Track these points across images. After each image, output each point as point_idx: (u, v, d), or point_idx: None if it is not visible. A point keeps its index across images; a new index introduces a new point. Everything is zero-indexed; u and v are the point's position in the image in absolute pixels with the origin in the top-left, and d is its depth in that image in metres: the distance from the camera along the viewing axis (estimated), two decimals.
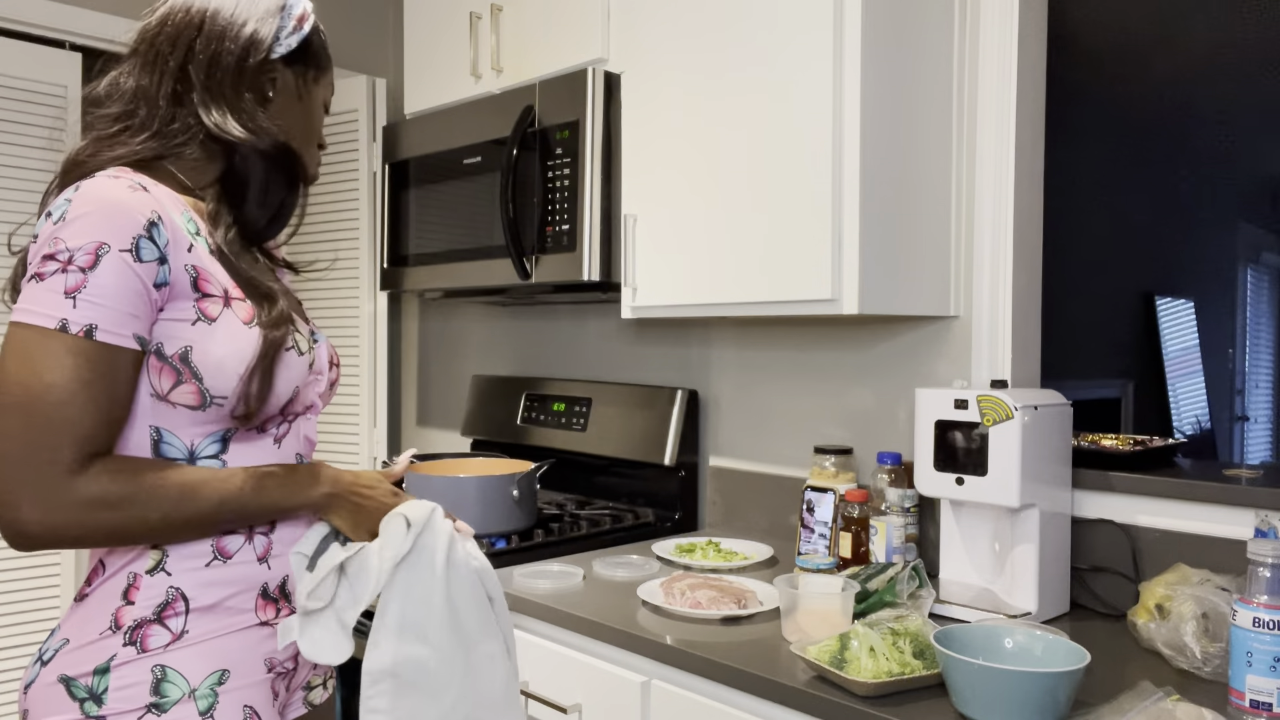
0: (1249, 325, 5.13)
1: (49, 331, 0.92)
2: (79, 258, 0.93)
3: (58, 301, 0.93)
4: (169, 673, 0.99)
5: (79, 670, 0.98)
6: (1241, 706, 1.12)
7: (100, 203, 0.96)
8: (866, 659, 1.20)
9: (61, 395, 0.92)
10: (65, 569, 2.46)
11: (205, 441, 1.03)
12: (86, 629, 1.00)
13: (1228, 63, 3.87)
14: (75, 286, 0.93)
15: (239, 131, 1.08)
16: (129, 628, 0.99)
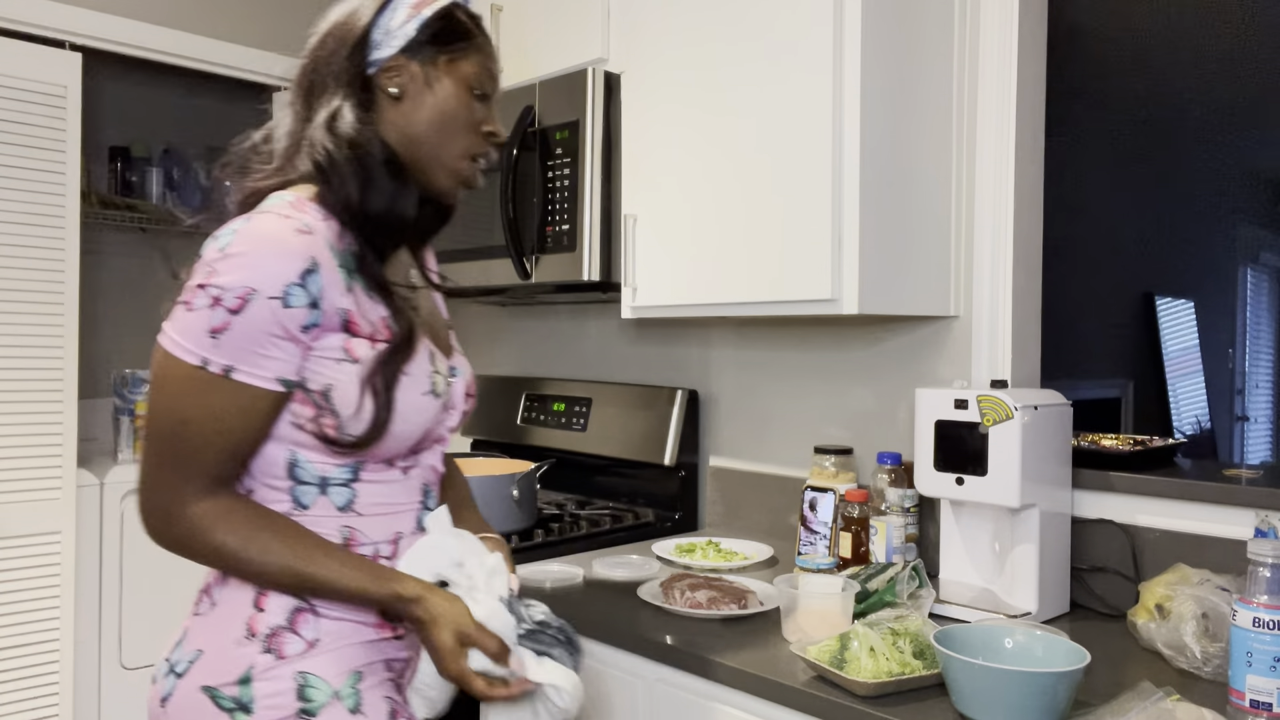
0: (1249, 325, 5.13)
1: (191, 368, 0.96)
2: (228, 299, 0.95)
3: (202, 339, 0.96)
4: (309, 678, 1.01)
5: (221, 680, 1.00)
6: (1241, 706, 1.12)
7: (260, 243, 0.97)
8: (866, 659, 1.20)
9: (194, 431, 0.97)
10: (65, 569, 2.46)
11: (337, 470, 1.05)
12: (219, 638, 1.01)
13: (1228, 62, 3.87)
14: (220, 327, 0.96)
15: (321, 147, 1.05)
16: (264, 635, 1.01)
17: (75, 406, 2.48)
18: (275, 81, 2.90)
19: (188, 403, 0.97)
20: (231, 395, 0.97)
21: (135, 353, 3.33)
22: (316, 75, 1.08)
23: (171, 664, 1.03)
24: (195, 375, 0.96)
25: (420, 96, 1.09)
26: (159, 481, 0.99)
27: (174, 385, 0.97)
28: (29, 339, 2.40)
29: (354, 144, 1.05)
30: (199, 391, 0.97)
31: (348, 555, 1.03)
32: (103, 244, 3.25)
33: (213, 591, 1.05)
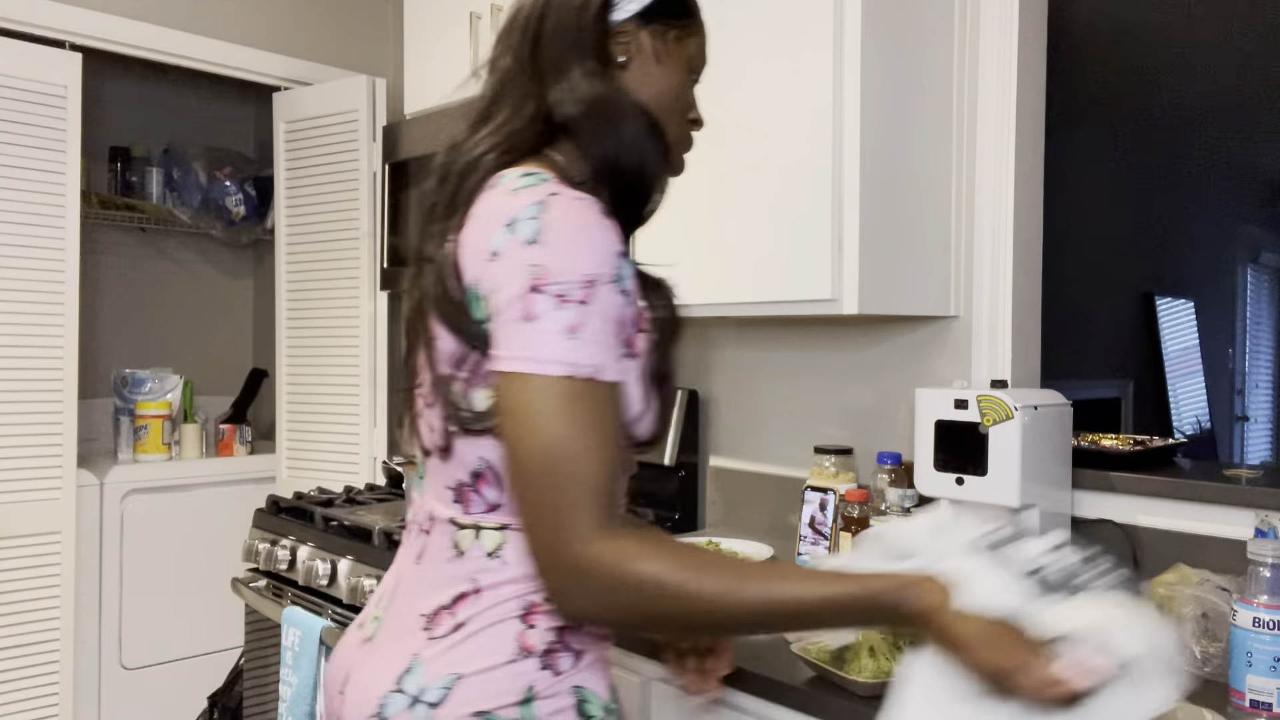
0: (1249, 325, 5.13)
1: (556, 381, 0.83)
2: (574, 290, 0.84)
3: (560, 344, 0.84)
4: (584, 693, 0.95)
5: (498, 703, 0.90)
6: (1241, 707, 1.12)
7: (577, 225, 0.87)
8: (866, 658, 1.20)
9: (576, 448, 0.83)
10: (65, 569, 2.46)
11: None
12: (482, 660, 0.91)
13: (1228, 62, 3.87)
14: (577, 324, 0.84)
15: (573, 107, 0.95)
16: (541, 652, 0.92)
17: (75, 406, 2.48)
18: (275, 81, 2.90)
19: (565, 423, 0.83)
20: (605, 400, 0.85)
21: (135, 353, 3.33)
22: (547, 26, 0.98)
23: (415, 695, 0.91)
24: (562, 388, 0.83)
25: (647, 70, 1.02)
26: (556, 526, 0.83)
27: (543, 409, 0.83)
28: (29, 339, 2.40)
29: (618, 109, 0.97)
30: (574, 406, 0.83)
31: (790, 567, 0.88)
32: (103, 244, 3.25)
33: (457, 611, 0.93)
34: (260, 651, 2.16)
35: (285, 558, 2.02)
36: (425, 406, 0.99)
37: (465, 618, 0.93)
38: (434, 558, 0.97)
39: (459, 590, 0.94)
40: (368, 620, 1.05)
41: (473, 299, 0.90)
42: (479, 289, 0.90)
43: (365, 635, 1.02)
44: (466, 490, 0.95)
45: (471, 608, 0.93)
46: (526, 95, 0.98)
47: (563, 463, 0.83)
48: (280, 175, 2.93)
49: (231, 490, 2.97)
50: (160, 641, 2.80)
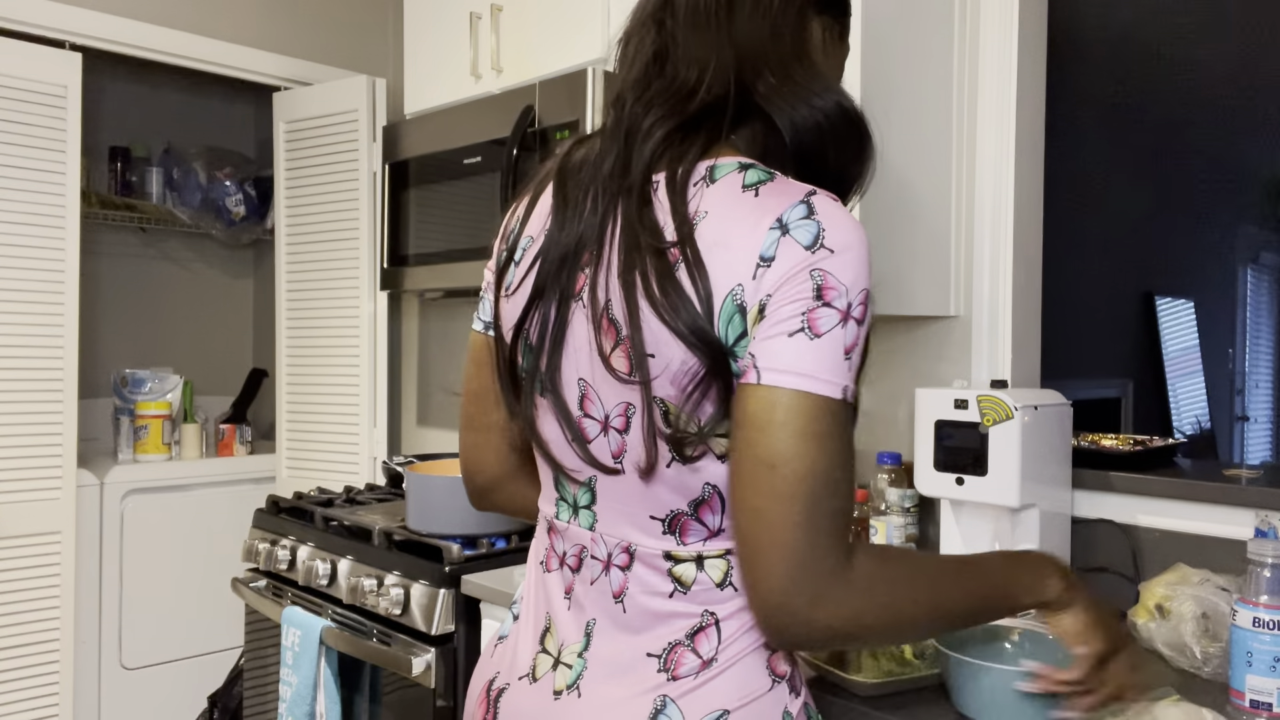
0: (1249, 325, 5.13)
1: (835, 403, 0.79)
2: (855, 308, 0.79)
3: (840, 363, 0.79)
4: (810, 710, 0.92)
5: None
6: (1241, 706, 1.12)
7: (856, 231, 0.81)
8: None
9: (843, 474, 0.79)
10: (65, 569, 2.46)
11: None
12: (744, 691, 0.86)
13: (1228, 62, 3.87)
14: (853, 344, 0.79)
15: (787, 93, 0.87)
16: (787, 675, 0.89)
17: (75, 406, 2.48)
18: (275, 81, 2.90)
19: (837, 445, 0.79)
20: (854, 422, 0.82)
21: (135, 353, 3.34)
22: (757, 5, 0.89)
23: None
24: (838, 411, 0.79)
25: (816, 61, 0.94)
26: (812, 555, 0.77)
27: (818, 429, 0.78)
28: (29, 339, 2.40)
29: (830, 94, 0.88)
30: (843, 427, 0.79)
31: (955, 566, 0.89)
32: (103, 244, 3.25)
33: (699, 646, 0.87)
34: (260, 651, 2.16)
35: (285, 558, 2.02)
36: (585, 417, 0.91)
37: (712, 651, 0.87)
38: (646, 594, 0.89)
39: (694, 625, 0.87)
40: (541, 668, 0.95)
41: (728, 313, 0.80)
42: (743, 299, 0.80)
43: (556, 686, 0.92)
44: (685, 519, 0.87)
45: (715, 640, 0.87)
46: (724, 65, 0.87)
47: (836, 487, 0.79)
48: (280, 175, 2.93)
49: (231, 490, 2.97)
50: (160, 641, 2.80)
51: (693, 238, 0.82)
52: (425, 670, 1.70)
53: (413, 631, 1.74)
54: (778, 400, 0.78)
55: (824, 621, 0.78)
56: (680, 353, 0.82)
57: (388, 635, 1.77)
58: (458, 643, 1.71)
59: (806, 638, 0.80)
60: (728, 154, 0.87)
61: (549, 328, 0.91)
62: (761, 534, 0.78)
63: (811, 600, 0.78)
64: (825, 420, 0.78)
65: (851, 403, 0.81)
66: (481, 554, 1.81)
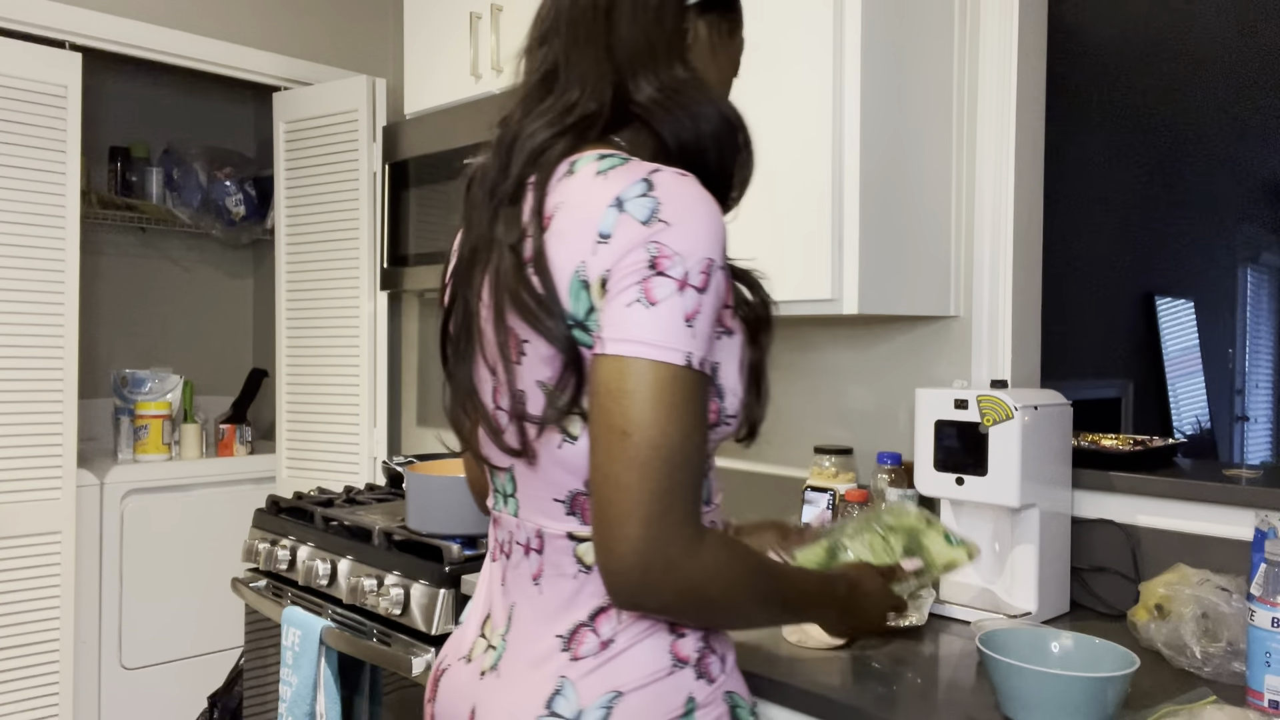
0: (1249, 325, 5.13)
1: (678, 371, 0.80)
2: (694, 276, 0.82)
3: (680, 331, 0.81)
4: (735, 697, 0.95)
5: (663, 716, 0.88)
6: (1260, 707, 1.11)
7: (697, 204, 0.84)
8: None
9: (695, 448, 0.81)
10: (65, 569, 2.46)
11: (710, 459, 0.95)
12: (639, 674, 0.88)
13: (1228, 62, 3.87)
14: (693, 312, 0.81)
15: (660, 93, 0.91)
16: (694, 660, 0.91)
17: (75, 406, 2.48)
18: (275, 81, 2.90)
19: (686, 414, 0.80)
20: (705, 392, 0.83)
21: (135, 353, 3.33)
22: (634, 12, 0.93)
23: (576, 715, 0.87)
24: (683, 378, 0.80)
25: (702, 60, 0.98)
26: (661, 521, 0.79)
27: (667, 398, 0.79)
28: (29, 339, 2.40)
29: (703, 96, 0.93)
30: (691, 396, 0.81)
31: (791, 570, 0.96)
32: (103, 244, 3.25)
33: (600, 627, 0.89)
34: (260, 651, 2.16)
35: (285, 558, 2.02)
36: (497, 410, 0.95)
37: (612, 633, 0.89)
38: (556, 576, 0.92)
39: (596, 605, 0.90)
40: (476, 650, 0.99)
41: (575, 290, 0.85)
42: (585, 276, 0.84)
43: (482, 666, 0.97)
44: (583, 499, 0.90)
45: (615, 623, 0.89)
46: (602, 77, 0.92)
47: (688, 458, 0.80)
48: (280, 175, 2.93)
49: (231, 490, 2.97)
50: (160, 641, 2.80)
51: (542, 231, 0.88)
52: (425, 670, 1.70)
53: (413, 631, 1.74)
54: (624, 368, 0.80)
55: (671, 591, 0.81)
56: (542, 339, 0.87)
57: (388, 635, 1.77)
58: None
59: (649, 603, 0.82)
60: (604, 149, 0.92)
61: (463, 330, 0.97)
62: (618, 500, 0.80)
63: (665, 568, 0.80)
64: (672, 388, 0.80)
65: (702, 371, 0.82)
66: (481, 554, 1.81)
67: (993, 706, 1.14)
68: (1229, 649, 1.26)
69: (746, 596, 0.86)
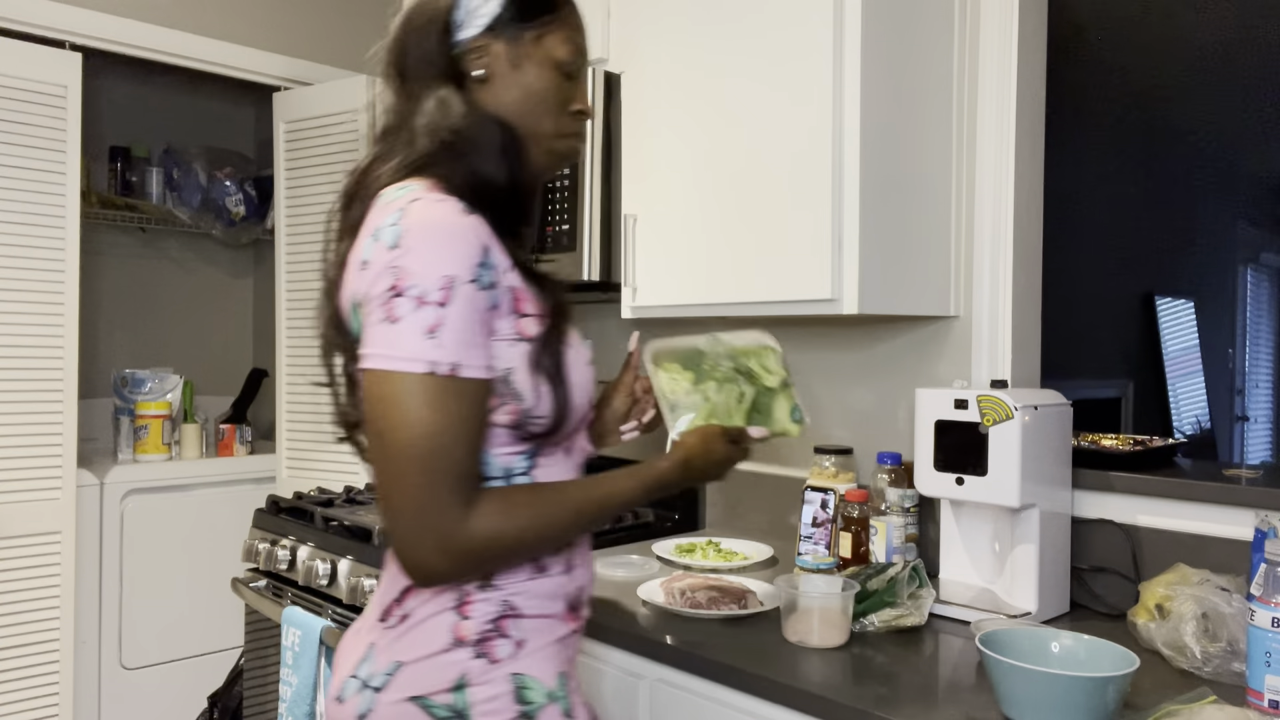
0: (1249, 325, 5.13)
1: (419, 378, 0.91)
2: (432, 293, 0.91)
3: (421, 343, 0.91)
4: (525, 679, 1.00)
5: (430, 689, 0.97)
6: (1260, 707, 1.11)
7: (435, 229, 0.93)
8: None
9: (445, 440, 0.91)
10: (65, 569, 2.46)
11: (519, 460, 1.02)
12: (419, 648, 0.98)
13: (1228, 62, 3.87)
14: (435, 325, 0.91)
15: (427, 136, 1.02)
16: (474, 641, 0.99)
17: (75, 406, 2.48)
18: (275, 81, 2.90)
19: (432, 417, 0.91)
20: (465, 396, 0.93)
21: (135, 353, 3.33)
22: (408, 59, 1.05)
23: (364, 680, 1.00)
24: (426, 384, 0.91)
25: (506, 78, 1.05)
26: (425, 509, 0.91)
27: (408, 402, 0.91)
28: (29, 339, 2.40)
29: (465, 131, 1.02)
30: (438, 400, 0.91)
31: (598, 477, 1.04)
32: (103, 244, 3.25)
33: (405, 603, 1.01)
34: (260, 651, 2.16)
35: (285, 558, 2.02)
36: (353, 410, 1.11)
37: (410, 610, 1.01)
38: (390, 559, 1.05)
39: (404, 585, 1.02)
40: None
41: (353, 313, 1.01)
42: (355, 299, 0.99)
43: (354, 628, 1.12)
44: None
45: (415, 601, 1.01)
46: (404, 124, 1.05)
47: (446, 450, 0.91)
48: (280, 175, 2.93)
49: (231, 490, 2.97)
50: (160, 641, 2.80)
51: (340, 259, 1.04)
52: None
53: None
54: (376, 379, 0.93)
55: (452, 563, 0.93)
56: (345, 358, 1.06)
57: None
58: None
59: (439, 578, 0.95)
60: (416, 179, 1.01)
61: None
62: (385, 493, 0.93)
63: (437, 547, 0.92)
64: (416, 393, 0.91)
65: (453, 376, 0.92)
66: None
67: (993, 706, 1.14)
68: (1229, 649, 1.26)
69: (540, 535, 0.97)
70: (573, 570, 1.07)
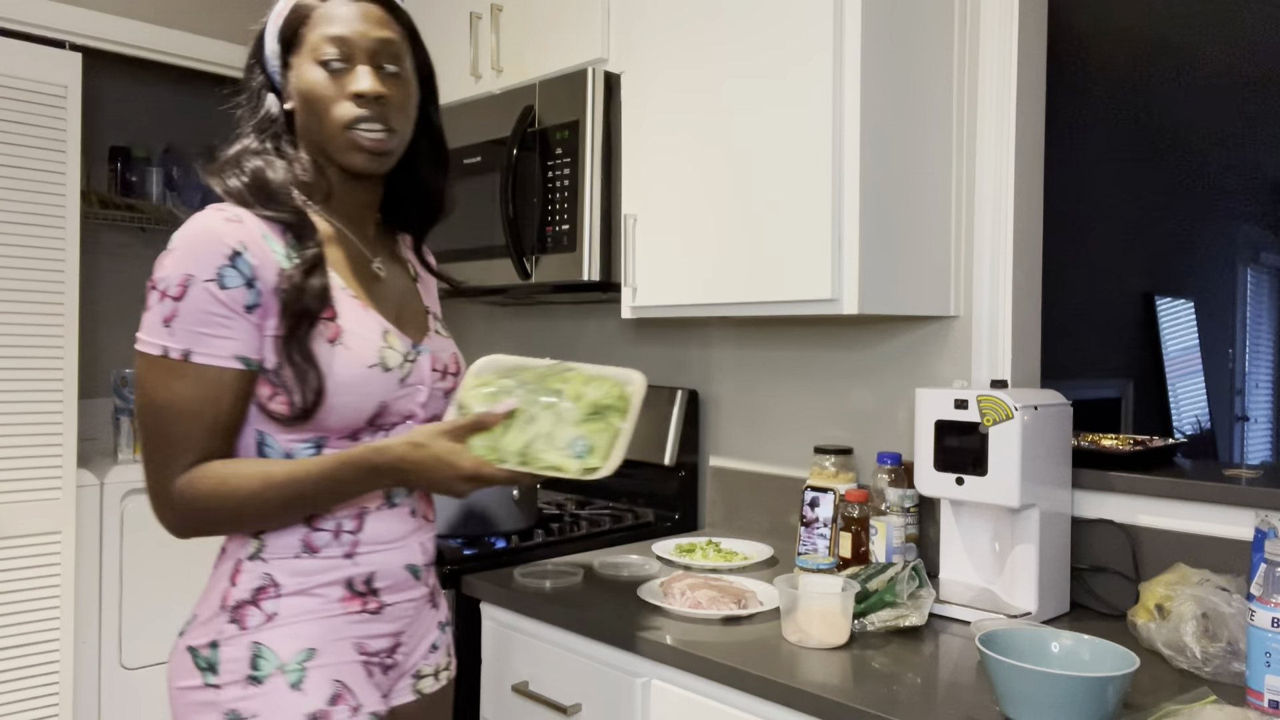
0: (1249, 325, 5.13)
1: (155, 358, 1.07)
2: (171, 289, 1.07)
3: (159, 330, 1.07)
4: (262, 649, 1.10)
5: (200, 642, 1.11)
6: (1260, 707, 1.11)
7: (192, 236, 1.09)
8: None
9: (170, 415, 1.07)
10: (65, 569, 2.46)
11: (301, 447, 1.13)
12: (205, 607, 1.13)
13: (1228, 62, 3.87)
14: (170, 315, 1.07)
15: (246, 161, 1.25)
16: (232, 607, 1.11)
17: (75, 406, 2.48)
18: None
19: (159, 391, 1.07)
20: (195, 377, 1.07)
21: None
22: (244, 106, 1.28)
23: (183, 625, 1.16)
24: (159, 364, 1.07)
25: (291, 91, 1.20)
26: (151, 472, 1.09)
27: (146, 378, 1.08)
28: (29, 339, 2.40)
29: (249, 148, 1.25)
30: (165, 379, 1.07)
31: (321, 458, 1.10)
32: (103, 244, 3.25)
33: (217, 565, 1.16)
34: None
35: None
36: None
37: (214, 572, 1.17)
38: None
39: (220, 549, 1.18)
40: None
41: None
42: None
43: None
44: None
45: (217, 563, 1.17)
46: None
47: (156, 424, 1.07)
48: None
49: None
50: (160, 641, 2.80)
51: None
52: None
53: None
54: (135, 355, 1.09)
55: (171, 523, 1.09)
56: None
57: None
58: (457, 643, 1.71)
59: (171, 528, 1.10)
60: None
61: None
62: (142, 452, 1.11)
63: (159, 507, 1.09)
64: (151, 373, 1.07)
65: (185, 361, 1.06)
66: (481, 554, 1.81)
67: (992, 706, 1.14)
68: (1229, 649, 1.26)
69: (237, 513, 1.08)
70: (356, 557, 1.15)
